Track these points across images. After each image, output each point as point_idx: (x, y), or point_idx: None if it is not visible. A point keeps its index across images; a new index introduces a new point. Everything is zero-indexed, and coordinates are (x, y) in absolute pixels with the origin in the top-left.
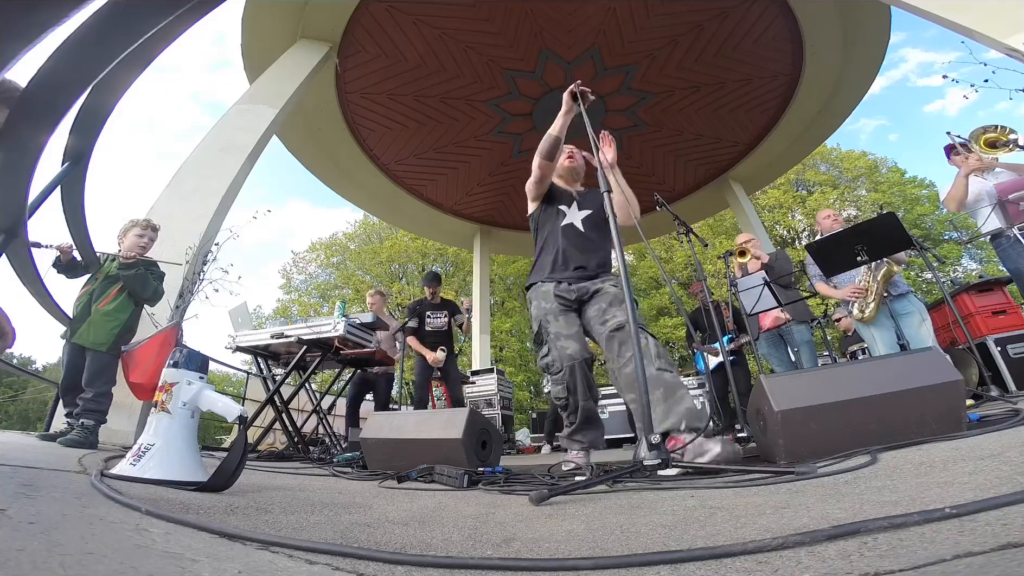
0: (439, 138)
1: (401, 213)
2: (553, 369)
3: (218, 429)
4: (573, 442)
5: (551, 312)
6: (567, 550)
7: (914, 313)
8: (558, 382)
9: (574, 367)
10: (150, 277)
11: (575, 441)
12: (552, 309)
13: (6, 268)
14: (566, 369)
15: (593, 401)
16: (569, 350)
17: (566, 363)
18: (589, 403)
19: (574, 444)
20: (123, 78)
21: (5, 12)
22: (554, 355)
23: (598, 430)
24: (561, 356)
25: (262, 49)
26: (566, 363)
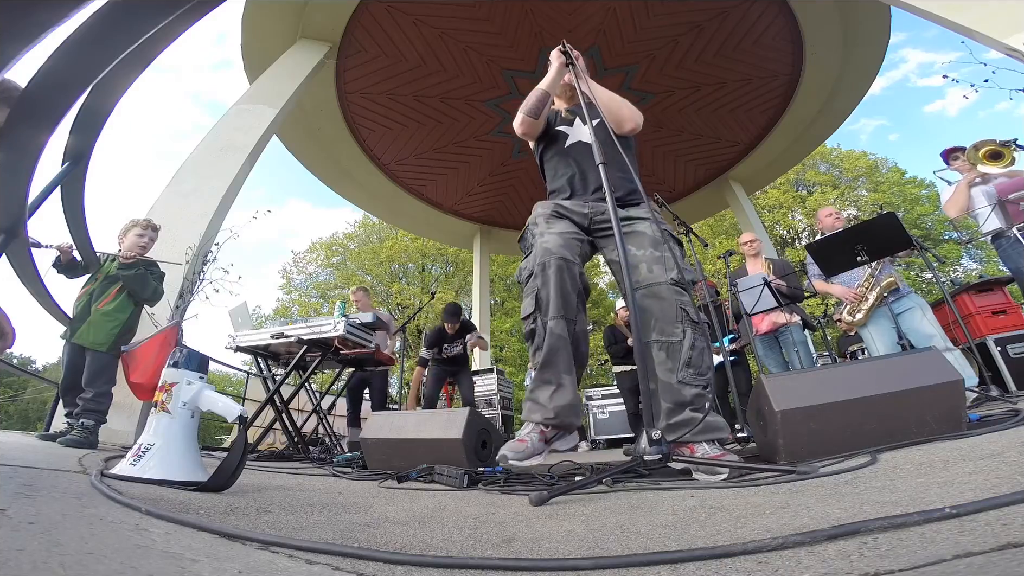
0: (439, 138)
1: (401, 213)
2: (524, 273)
3: (218, 429)
4: (535, 406)
5: (544, 216)
6: (567, 550)
7: (913, 308)
8: (528, 290)
9: (548, 264)
10: (150, 277)
11: (536, 404)
12: (547, 214)
13: (6, 268)
14: (537, 267)
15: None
16: (548, 243)
17: (539, 258)
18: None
19: (535, 410)
20: (123, 78)
21: (5, 12)
22: (533, 252)
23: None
24: (537, 253)
25: (262, 49)
26: (539, 258)
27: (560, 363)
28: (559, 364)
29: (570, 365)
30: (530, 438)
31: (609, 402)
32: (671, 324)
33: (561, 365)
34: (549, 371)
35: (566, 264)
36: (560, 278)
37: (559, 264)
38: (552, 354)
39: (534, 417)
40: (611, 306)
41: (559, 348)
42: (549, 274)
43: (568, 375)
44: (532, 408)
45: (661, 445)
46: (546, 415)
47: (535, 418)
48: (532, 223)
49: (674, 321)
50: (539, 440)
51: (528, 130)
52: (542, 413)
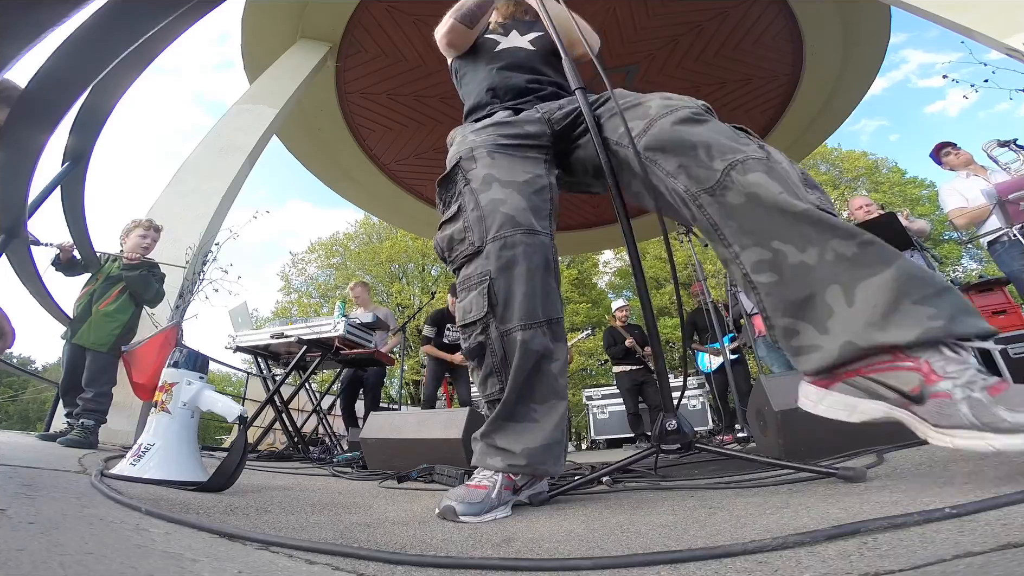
0: (439, 138)
1: (401, 213)
2: (458, 250)
3: (218, 429)
4: (493, 451)
5: (480, 146)
6: (567, 550)
7: None
8: (470, 281)
9: (508, 243)
10: (152, 279)
11: (496, 450)
12: (483, 142)
13: (6, 268)
14: (491, 244)
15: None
16: (505, 206)
17: (493, 230)
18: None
19: (495, 456)
20: (123, 78)
21: (5, 12)
22: (468, 215)
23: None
24: (484, 216)
25: (262, 49)
26: (493, 230)
27: (536, 392)
28: (533, 393)
29: (549, 391)
30: (492, 483)
31: (609, 402)
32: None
33: (535, 394)
34: (516, 402)
35: (536, 241)
36: (530, 263)
37: (527, 241)
38: (524, 380)
39: (493, 463)
40: (611, 306)
41: (534, 373)
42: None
43: (542, 404)
44: (488, 452)
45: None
46: (512, 461)
47: (495, 464)
48: (465, 158)
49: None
50: (504, 488)
51: (456, 40)
52: (505, 458)
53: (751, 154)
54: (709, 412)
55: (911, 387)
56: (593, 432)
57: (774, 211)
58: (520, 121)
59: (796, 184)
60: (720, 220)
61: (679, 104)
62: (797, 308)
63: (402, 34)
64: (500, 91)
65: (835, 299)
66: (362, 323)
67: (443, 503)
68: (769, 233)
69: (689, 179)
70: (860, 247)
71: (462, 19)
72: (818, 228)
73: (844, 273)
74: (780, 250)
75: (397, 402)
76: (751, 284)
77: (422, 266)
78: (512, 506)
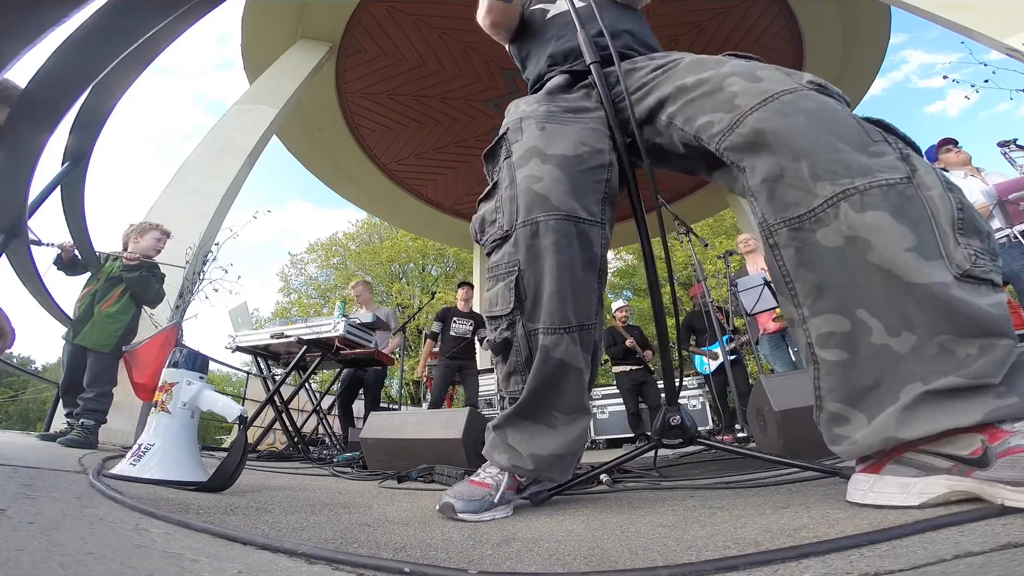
0: (439, 138)
1: (401, 213)
2: (488, 232)
3: (218, 429)
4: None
5: (531, 116)
6: (567, 550)
7: None
8: (499, 269)
9: (541, 230)
10: (152, 280)
11: (505, 447)
12: (534, 112)
13: (6, 268)
14: (520, 230)
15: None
16: (541, 184)
17: (524, 213)
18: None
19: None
20: (123, 78)
21: (5, 12)
22: (502, 194)
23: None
24: (517, 195)
25: (262, 49)
26: (524, 213)
27: (558, 400)
28: (556, 401)
29: (573, 403)
30: (495, 481)
31: (609, 402)
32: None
33: (558, 403)
34: (536, 408)
35: (576, 229)
36: (564, 257)
37: (562, 228)
38: (544, 388)
39: (499, 459)
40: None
41: (558, 379)
42: (542, 248)
43: (565, 415)
44: (498, 446)
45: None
46: (517, 463)
47: (500, 461)
48: (512, 129)
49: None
50: (507, 488)
51: (499, 18)
52: (512, 458)
53: (881, 177)
54: (709, 412)
55: (971, 450)
56: (593, 432)
57: (880, 272)
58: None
59: (943, 231)
60: (793, 269)
61: (778, 88)
62: (858, 397)
63: (402, 34)
64: (559, 56)
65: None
66: (362, 323)
67: (443, 499)
68: (858, 298)
69: (770, 203)
70: (980, 350)
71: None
72: (936, 313)
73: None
74: (864, 323)
75: (397, 402)
76: (814, 359)
77: (422, 266)
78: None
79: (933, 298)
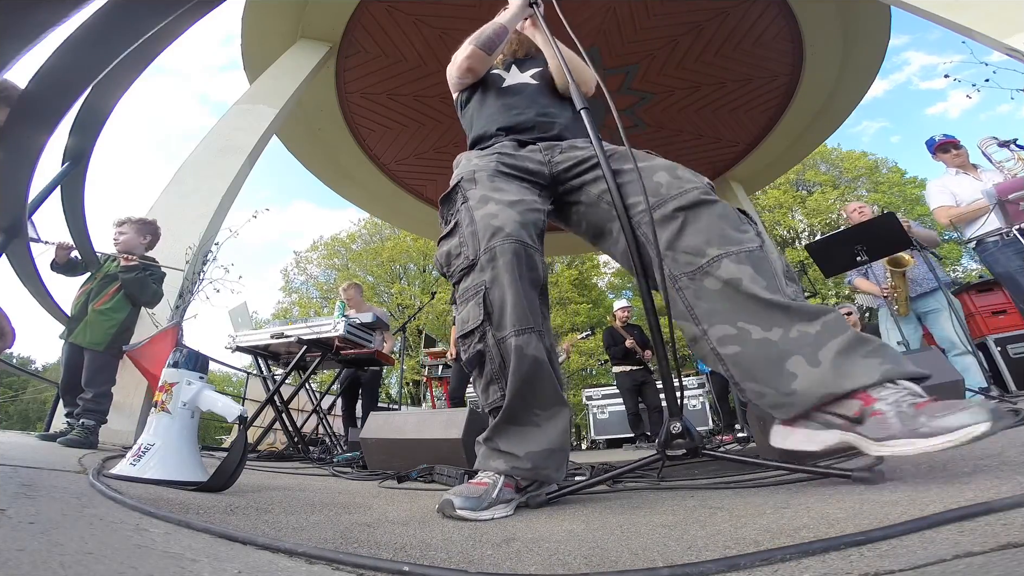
0: (439, 138)
1: (401, 213)
2: (456, 262)
3: (218, 429)
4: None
5: (484, 169)
6: (567, 550)
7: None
8: (467, 293)
9: (498, 253)
10: (149, 280)
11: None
12: (487, 166)
13: (6, 268)
14: (484, 256)
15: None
16: (497, 220)
17: (484, 242)
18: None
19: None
20: (123, 78)
21: (5, 12)
22: (463, 231)
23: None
24: (478, 231)
25: (262, 49)
26: (484, 242)
27: (536, 396)
28: (534, 397)
29: (552, 397)
30: (492, 480)
31: (609, 402)
32: (734, 228)
33: (537, 399)
34: (519, 410)
35: (525, 252)
36: (518, 273)
37: (516, 251)
38: (524, 385)
39: (496, 466)
40: (611, 306)
41: (534, 375)
42: (500, 267)
43: (545, 411)
44: (491, 456)
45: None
46: (515, 464)
47: (498, 467)
48: (466, 179)
49: (739, 223)
50: (504, 485)
51: (476, 65)
52: (508, 461)
53: (747, 246)
54: (709, 412)
55: (854, 412)
56: (593, 432)
57: (748, 298)
58: (523, 156)
59: (779, 276)
60: (693, 302)
61: (688, 185)
62: (761, 374)
63: (402, 34)
64: (507, 128)
65: (798, 365)
66: (362, 323)
67: (443, 497)
68: (737, 315)
69: (675, 261)
70: (823, 326)
71: (482, 46)
72: (787, 314)
73: (807, 346)
74: (745, 328)
75: (397, 402)
76: (718, 356)
77: (423, 266)
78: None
79: (781, 305)
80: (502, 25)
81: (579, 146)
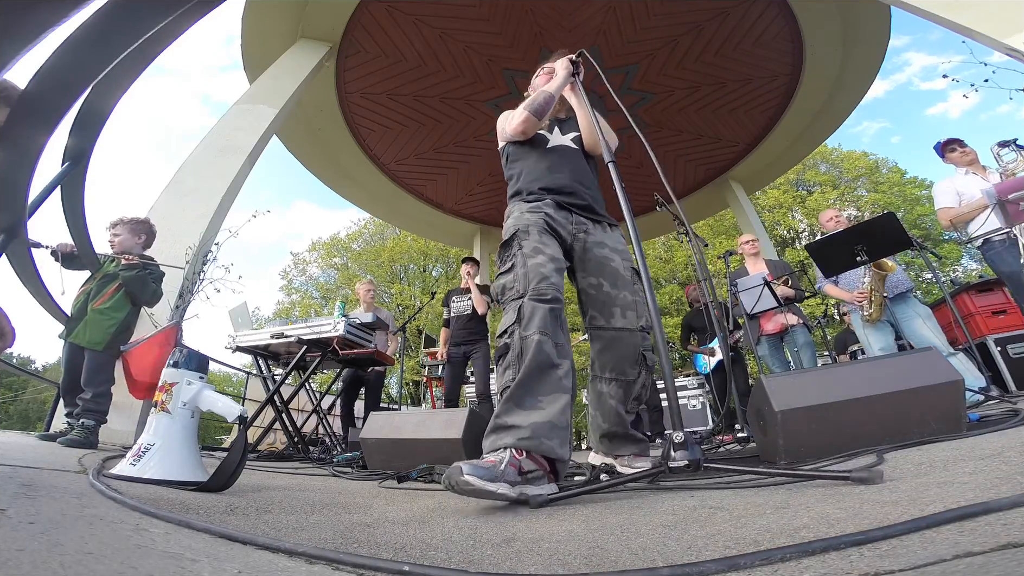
0: (439, 138)
1: (401, 213)
2: (508, 295)
3: (218, 429)
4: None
5: (535, 225)
6: (567, 550)
7: (913, 317)
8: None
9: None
10: (149, 279)
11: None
12: (537, 222)
13: (6, 268)
14: (531, 293)
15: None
16: (547, 271)
17: (534, 283)
18: (547, 342)
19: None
20: (123, 78)
21: (5, 12)
22: (518, 271)
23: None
24: (528, 274)
25: (262, 49)
26: (534, 283)
27: (542, 387)
28: (540, 388)
29: (557, 392)
30: (498, 457)
31: None
32: (630, 365)
33: (544, 389)
34: (526, 393)
35: (556, 293)
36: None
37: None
38: (534, 373)
39: (504, 440)
40: None
41: (543, 368)
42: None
43: (547, 396)
44: (500, 433)
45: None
46: (520, 435)
47: (505, 441)
48: (522, 231)
49: (633, 363)
50: (510, 464)
51: (530, 130)
52: (514, 433)
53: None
54: (709, 412)
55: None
56: None
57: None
58: (560, 222)
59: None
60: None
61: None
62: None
63: (402, 34)
64: (548, 189)
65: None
66: (362, 323)
67: (452, 466)
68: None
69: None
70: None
71: (535, 112)
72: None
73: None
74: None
75: (397, 402)
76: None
77: (423, 267)
78: (513, 505)
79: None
80: (551, 94)
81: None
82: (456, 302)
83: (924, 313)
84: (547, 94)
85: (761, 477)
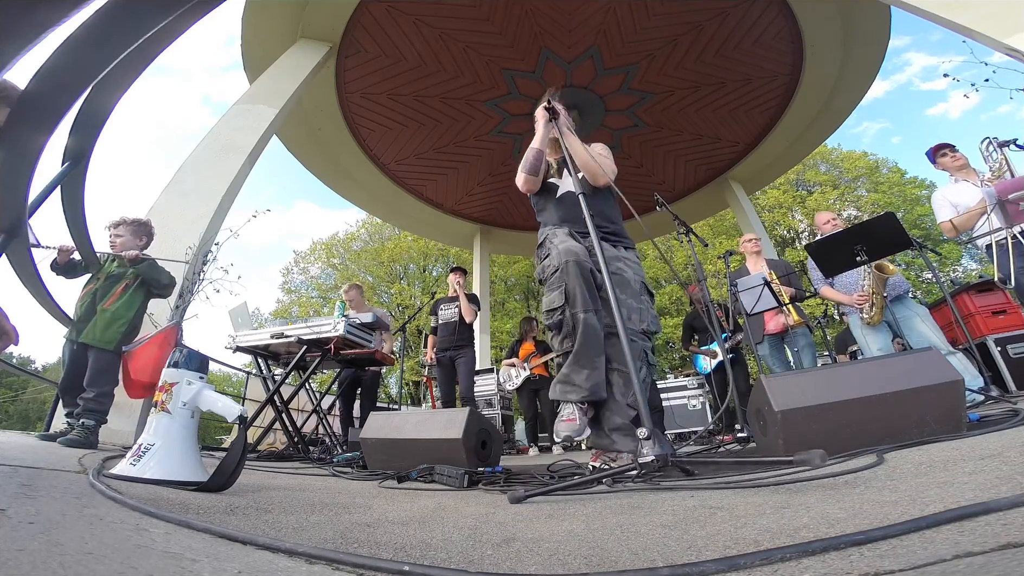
0: (439, 138)
1: (401, 213)
2: (548, 270)
3: (218, 429)
4: (570, 387)
5: (563, 232)
6: (567, 550)
7: (912, 317)
8: (553, 285)
9: (569, 264)
10: (159, 266)
11: (572, 386)
12: (564, 231)
13: (6, 268)
14: (562, 264)
15: (596, 316)
16: (570, 246)
17: (563, 257)
18: (592, 316)
19: (571, 391)
20: (124, 78)
21: (5, 12)
22: (553, 254)
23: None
24: (558, 252)
25: (262, 49)
26: (563, 257)
27: (593, 351)
28: (592, 351)
29: (600, 351)
30: (577, 416)
31: None
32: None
33: (594, 352)
34: (584, 357)
35: (586, 264)
36: (582, 276)
37: (580, 266)
38: (587, 342)
39: (571, 397)
40: None
41: (593, 338)
42: (572, 276)
43: (599, 358)
44: (568, 390)
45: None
46: (582, 395)
47: (572, 398)
48: (551, 234)
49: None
50: (583, 416)
51: (531, 187)
52: (578, 393)
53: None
54: (709, 412)
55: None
56: None
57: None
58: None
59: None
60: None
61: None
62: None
63: (402, 34)
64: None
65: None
66: (362, 323)
67: (561, 434)
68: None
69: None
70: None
71: (530, 171)
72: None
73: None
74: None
75: (397, 402)
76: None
77: (423, 266)
78: (513, 506)
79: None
80: (538, 150)
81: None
82: (444, 310)
83: (922, 313)
84: (535, 151)
85: (761, 474)
